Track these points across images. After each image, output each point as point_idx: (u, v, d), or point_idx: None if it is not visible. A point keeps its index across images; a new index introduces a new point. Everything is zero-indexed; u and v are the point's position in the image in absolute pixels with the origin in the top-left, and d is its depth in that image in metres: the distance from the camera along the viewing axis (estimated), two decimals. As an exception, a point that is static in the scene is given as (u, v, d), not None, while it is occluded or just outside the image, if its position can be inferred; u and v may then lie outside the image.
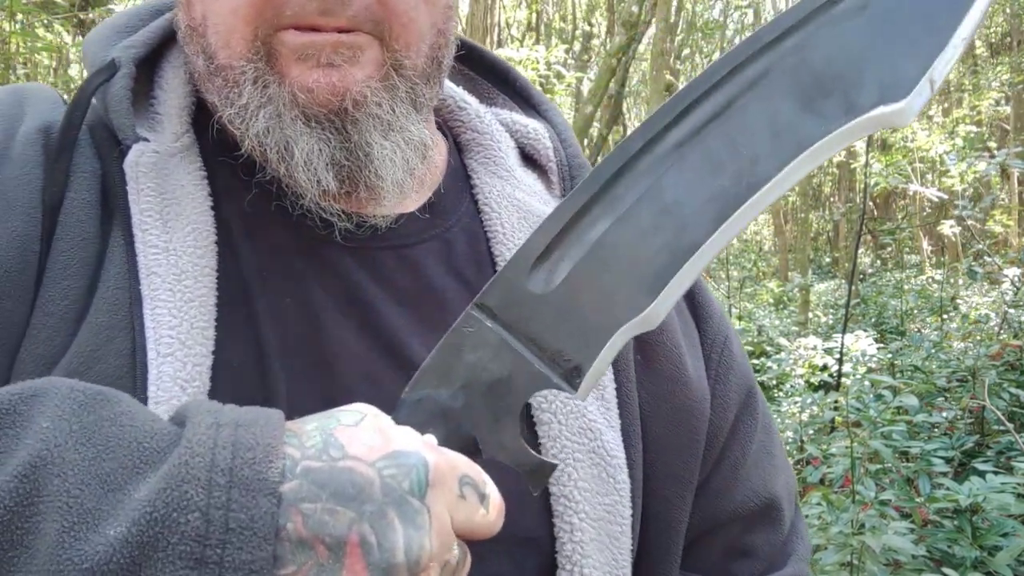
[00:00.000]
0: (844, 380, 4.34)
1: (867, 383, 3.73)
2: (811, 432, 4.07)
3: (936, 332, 5.91)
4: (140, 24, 0.76)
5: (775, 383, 5.63)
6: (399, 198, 0.71)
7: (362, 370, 0.67)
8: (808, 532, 0.90)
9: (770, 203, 0.56)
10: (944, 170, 8.27)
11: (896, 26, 0.53)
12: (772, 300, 11.36)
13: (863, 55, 0.53)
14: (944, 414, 3.74)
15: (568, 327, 0.57)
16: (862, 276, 9.91)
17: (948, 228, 7.61)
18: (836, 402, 3.37)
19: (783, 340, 6.73)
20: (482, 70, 0.90)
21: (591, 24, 13.76)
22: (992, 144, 10.10)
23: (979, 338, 4.97)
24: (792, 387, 5.13)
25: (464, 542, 0.53)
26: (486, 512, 0.52)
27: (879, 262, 11.80)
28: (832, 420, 3.82)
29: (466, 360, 0.57)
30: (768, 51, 0.55)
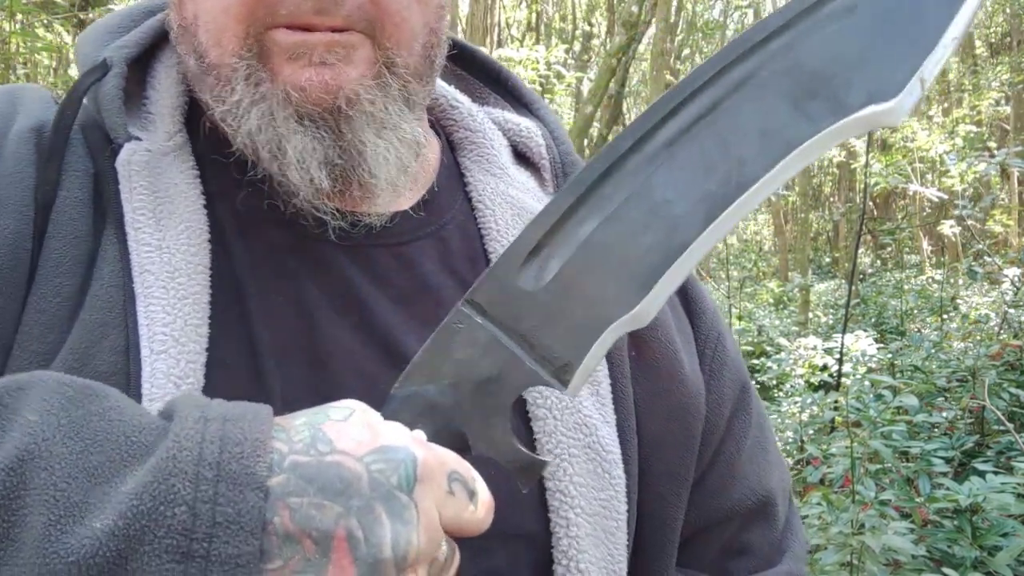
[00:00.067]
0: (844, 380, 4.34)
1: (867, 383, 3.72)
2: (811, 432, 4.07)
3: (936, 332, 5.90)
4: (132, 24, 0.76)
5: (775, 383, 5.63)
6: (393, 196, 0.71)
7: (357, 368, 0.67)
8: (804, 529, 0.90)
9: (760, 201, 0.56)
10: (944, 170, 8.26)
11: (886, 25, 0.53)
12: (772, 300, 11.35)
13: (853, 54, 0.53)
14: (944, 414, 3.74)
15: (558, 324, 0.57)
16: (862, 276, 9.90)
17: (948, 228, 7.61)
18: (836, 402, 3.36)
19: (783, 340, 6.73)
20: (473, 69, 0.90)
21: (591, 24, 13.75)
22: (992, 144, 10.09)
23: (979, 338, 4.96)
24: (792, 387, 5.13)
25: (456, 539, 0.53)
26: (475, 509, 0.52)
27: (879, 262, 11.79)
28: (832, 420, 3.82)
29: (456, 356, 0.57)
30: (757, 51, 0.55)
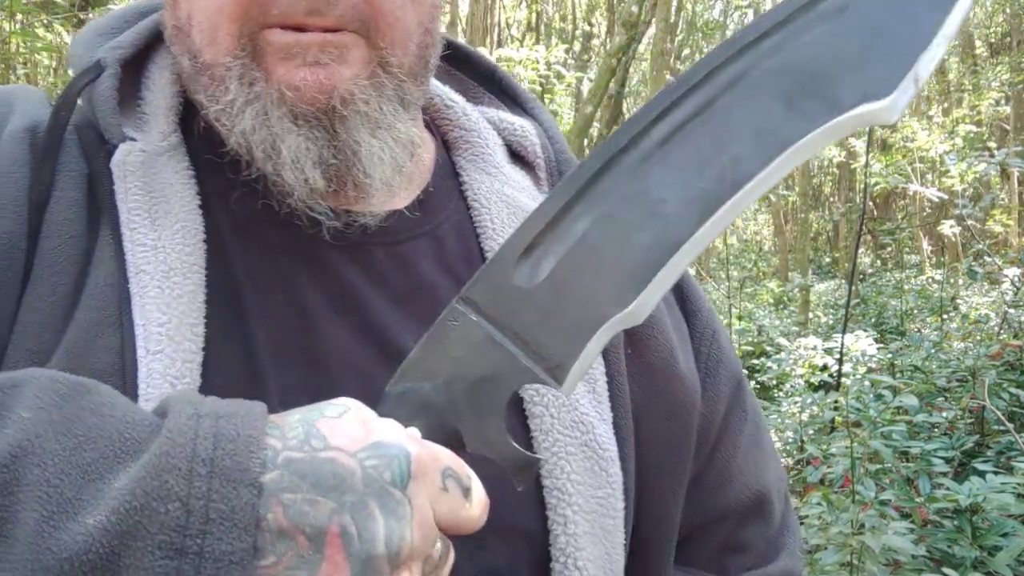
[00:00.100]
0: (844, 380, 4.34)
1: (867, 383, 3.72)
2: (811, 432, 4.07)
3: (936, 332, 5.90)
4: (126, 26, 0.76)
5: (775, 383, 5.63)
6: (388, 196, 0.71)
7: (354, 367, 0.67)
8: (799, 526, 0.90)
9: (754, 200, 0.56)
10: (944, 170, 8.26)
11: (880, 23, 0.53)
12: (772, 300, 11.34)
13: (847, 53, 0.53)
14: (944, 414, 3.74)
15: (553, 322, 0.57)
16: (862, 276, 9.89)
17: (948, 228, 7.60)
18: (836, 402, 3.36)
19: (783, 340, 6.72)
20: (468, 69, 0.90)
21: (591, 24, 13.75)
22: (992, 144, 10.09)
23: (979, 338, 4.96)
24: (792, 387, 5.13)
25: (453, 537, 0.53)
26: (469, 505, 0.52)
27: (879, 262, 11.78)
28: (832, 420, 3.82)
29: (451, 354, 0.57)
30: (751, 49, 0.55)
